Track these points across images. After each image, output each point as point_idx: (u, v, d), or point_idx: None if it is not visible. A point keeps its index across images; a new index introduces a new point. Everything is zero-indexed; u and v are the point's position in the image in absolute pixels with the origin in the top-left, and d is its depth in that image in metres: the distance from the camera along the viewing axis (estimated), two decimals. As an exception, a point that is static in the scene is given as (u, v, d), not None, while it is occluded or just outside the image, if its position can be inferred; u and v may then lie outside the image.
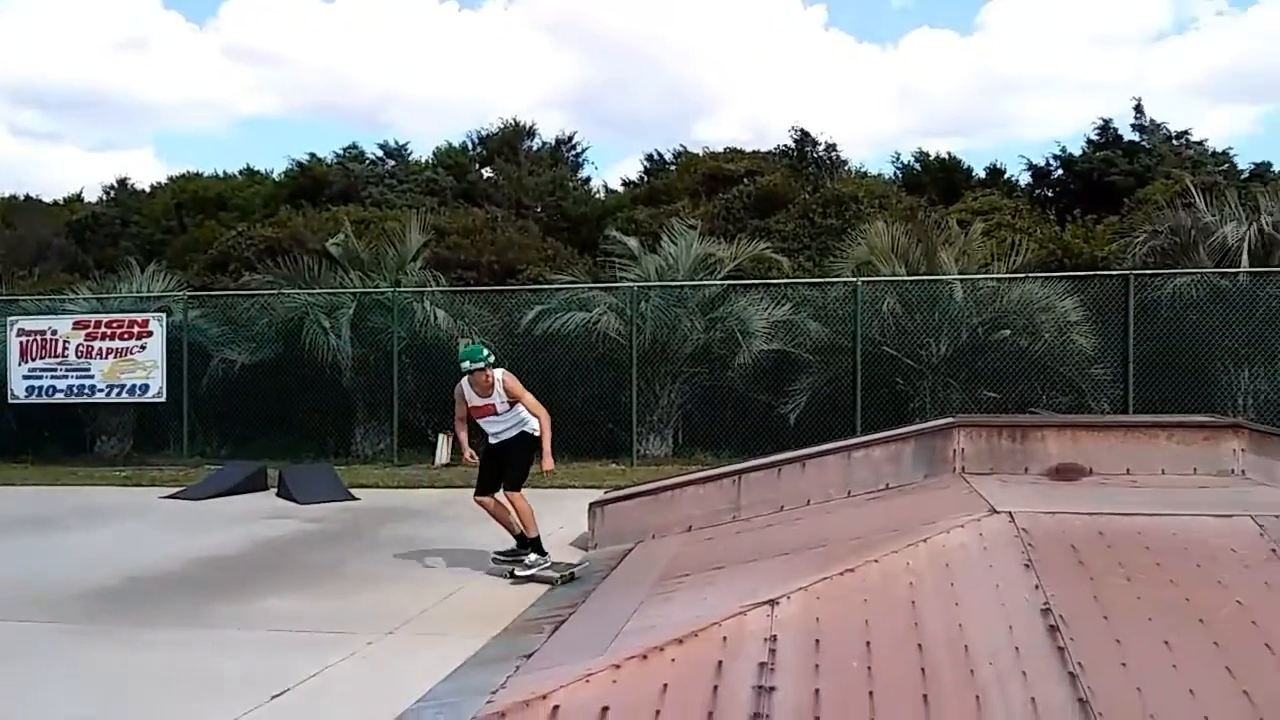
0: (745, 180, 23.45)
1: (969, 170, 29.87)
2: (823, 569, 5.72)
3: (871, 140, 53.20)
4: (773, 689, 4.63)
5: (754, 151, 27.91)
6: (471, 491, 8.23)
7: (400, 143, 32.16)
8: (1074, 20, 51.95)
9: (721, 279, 16.02)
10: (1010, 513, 6.17)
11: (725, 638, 5.09)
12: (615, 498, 9.28)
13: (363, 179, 28.81)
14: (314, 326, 15.93)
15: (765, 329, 15.24)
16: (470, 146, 33.03)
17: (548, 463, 8.00)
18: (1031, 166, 29.22)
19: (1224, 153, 27.35)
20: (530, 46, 53.82)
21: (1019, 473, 7.86)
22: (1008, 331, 14.90)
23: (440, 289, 16.92)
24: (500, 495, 8.05)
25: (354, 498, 12.22)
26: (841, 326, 15.15)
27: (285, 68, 57.81)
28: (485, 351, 8.03)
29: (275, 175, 31.86)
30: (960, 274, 15.38)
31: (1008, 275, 15.47)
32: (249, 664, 5.99)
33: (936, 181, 28.47)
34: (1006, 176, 29.35)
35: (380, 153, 31.62)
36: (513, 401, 7.95)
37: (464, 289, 17.30)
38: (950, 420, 8.49)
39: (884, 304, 15.20)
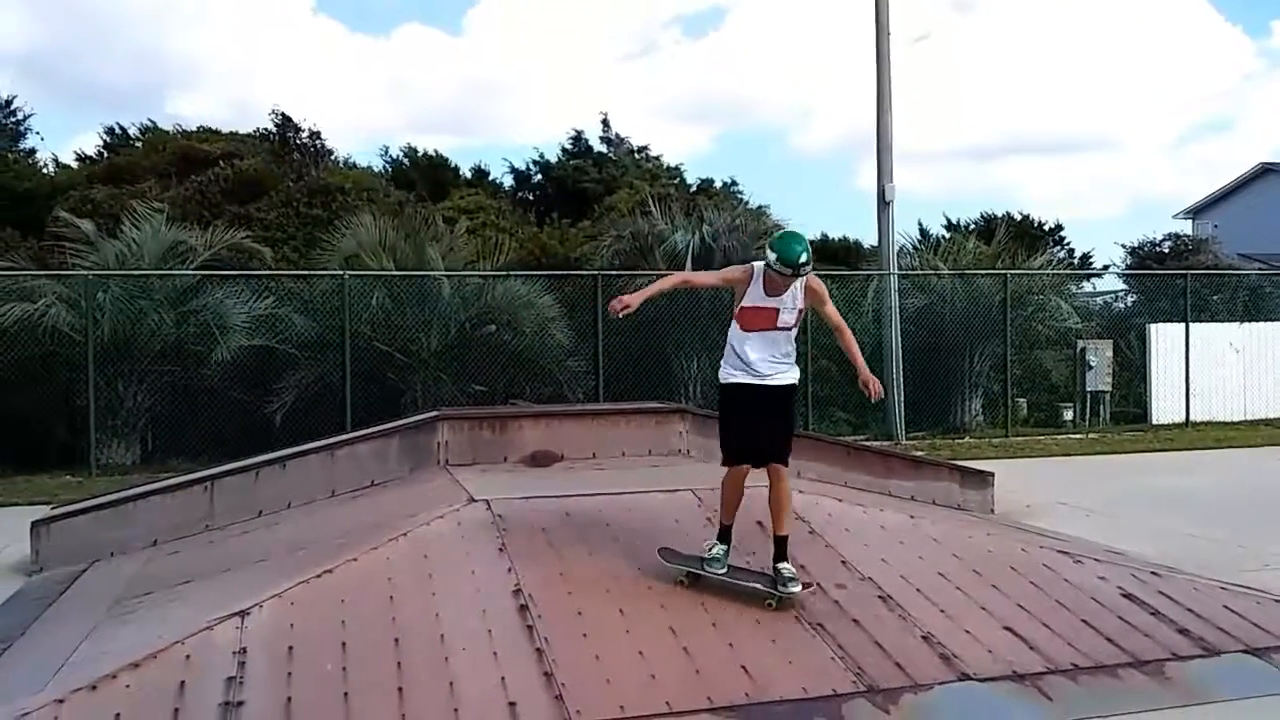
0: (222, 163, 21.89)
1: (456, 169, 30.65)
2: (299, 573, 5.51)
3: (360, 131, 52.57)
4: (241, 703, 4.37)
5: (232, 133, 26.18)
6: None
7: None
8: (554, 33, 55.53)
9: (195, 268, 14.84)
10: (488, 500, 6.41)
11: (189, 656, 4.71)
12: (65, 513, 8.20)
13: None
14: None
15: (246, 324, 14.36)
16: None
17: (872, 380, 5.57)
18: (514, 170, 30.75)
19: (677, 168, 30.83)
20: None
21: (499, 461, 8.21)
22: (493, 327, 15.52)
23: None
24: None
25: None
26: (329, 321, 14.74)
27: None
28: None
29: None
30: (448, 270, 15.72)
31: (492, 273, 16.11)
32: None
33: (425, 178, 28.81)
34: (491, 178, 30.58)
35: None
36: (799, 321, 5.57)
37: None
38: (434, 414, 8.63)
39: (373, 298, 15.08)
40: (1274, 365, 17.91)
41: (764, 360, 5.48)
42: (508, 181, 30.46)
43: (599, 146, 30.45)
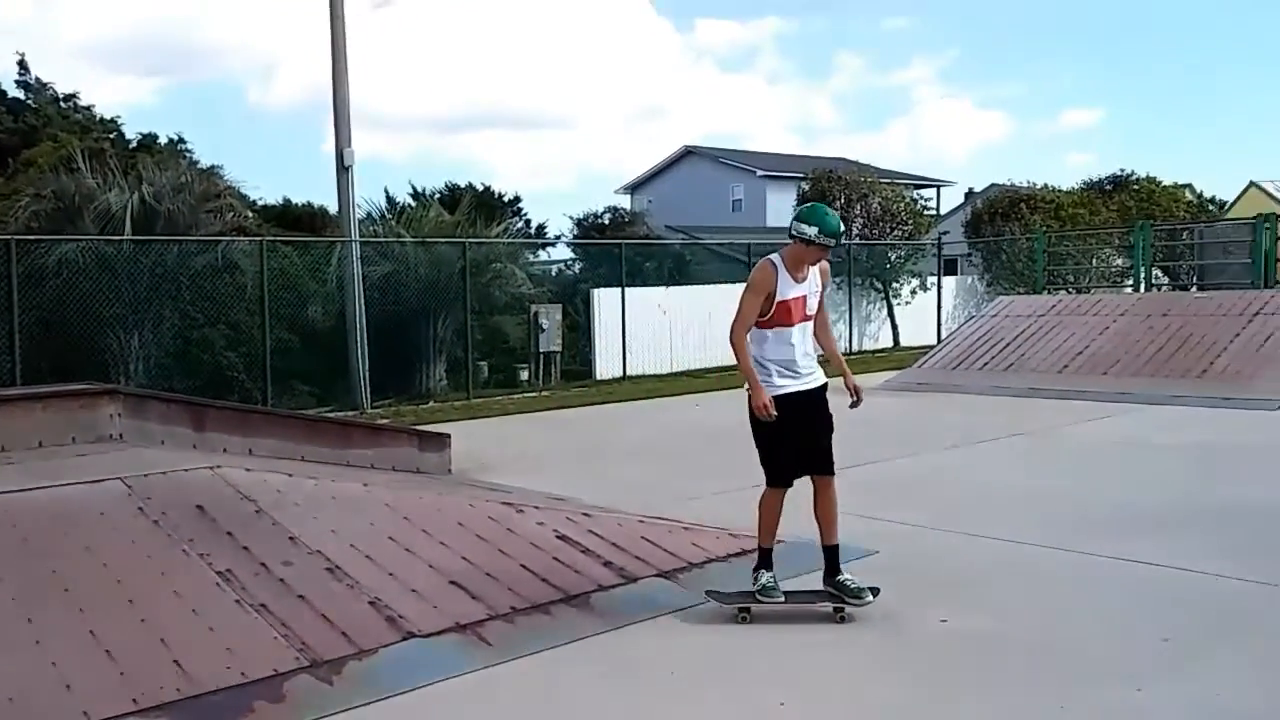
0: None
1: None
2: None
3: None
4: None
5: None
6: None
7: None
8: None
9: None
10: None
11: None
12: None
13: None
14: None
15: None
16: None
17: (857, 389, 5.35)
18: (-102, 114, 25.66)
19: (113, 120, 27.73)
20: None
21: None
22: None
23: None
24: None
25: None
26: None
27: None
28: None
29: None
30: None
31: None
32: None
33: None
34: None
35: None
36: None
37: None
38: None
39: None
40: (693, 324, 20.58)
41: (801, 358, 5.17)
42: (-112, 128, 25.37)
43: (14, 92, 26.50)
